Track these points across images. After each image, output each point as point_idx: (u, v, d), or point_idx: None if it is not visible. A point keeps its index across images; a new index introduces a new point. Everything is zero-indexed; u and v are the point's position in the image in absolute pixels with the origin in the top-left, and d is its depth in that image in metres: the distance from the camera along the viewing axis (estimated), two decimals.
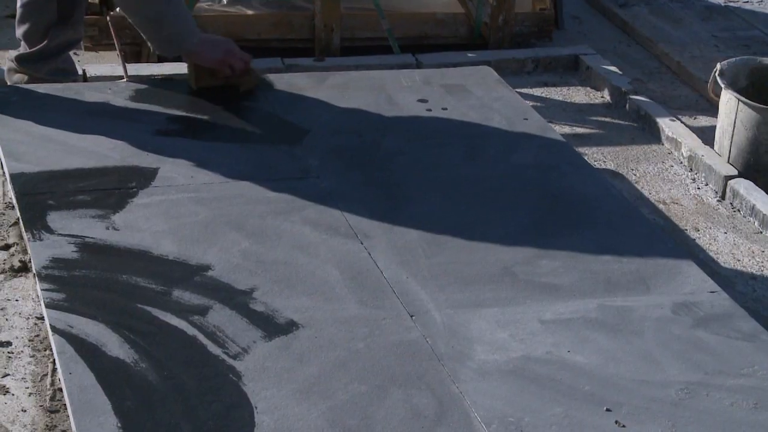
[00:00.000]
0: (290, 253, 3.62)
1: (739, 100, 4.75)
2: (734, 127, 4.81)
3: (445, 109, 4.69)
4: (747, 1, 6.87)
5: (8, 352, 3.24)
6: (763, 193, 4.62)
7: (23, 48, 4.67)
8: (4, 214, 3.93)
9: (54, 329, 3.16)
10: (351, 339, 3.24)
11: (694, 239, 4.37)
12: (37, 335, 3.32)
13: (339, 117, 4.56)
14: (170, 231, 3.68)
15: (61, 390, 3.07)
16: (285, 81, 4.85)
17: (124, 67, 4.99)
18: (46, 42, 4.51)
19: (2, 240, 3.77)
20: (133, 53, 5.53)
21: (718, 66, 4.95)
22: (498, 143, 4.45)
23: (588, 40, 6.31)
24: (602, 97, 5.60)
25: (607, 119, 5.37)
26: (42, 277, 3.38)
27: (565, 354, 3.25)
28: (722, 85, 4.85)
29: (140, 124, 4.33)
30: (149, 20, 4.21)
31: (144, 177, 3.98)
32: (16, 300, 3.47)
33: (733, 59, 5.05)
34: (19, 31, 4.69)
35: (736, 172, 4.78)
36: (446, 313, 3.39)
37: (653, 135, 5.20)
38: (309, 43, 5.79)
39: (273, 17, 5.72)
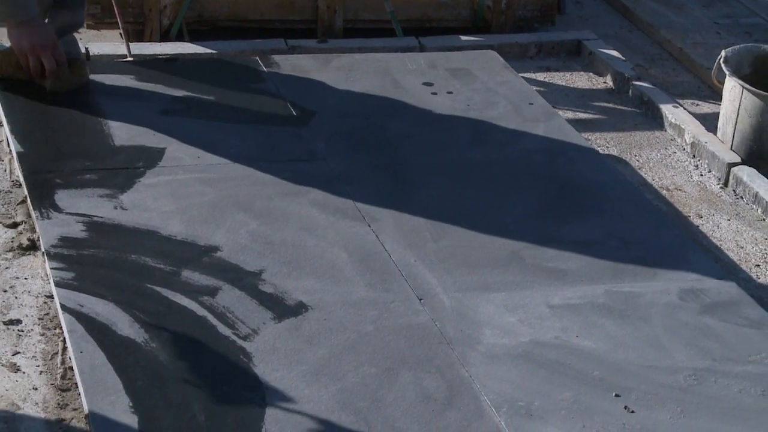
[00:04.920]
0: (298, 234, 3.63)
1: (743, 87, 4.75)
2: (738, 114, 4.81)
3: (451, 92, 4.70)
4: None
5: (18, 330, 3.24)
6: (766, 180, 4.62)
7: None
8: (11, 192, 3.92)
9: (64, 308, 3.17)
10: (360, 321, 3.25)
11: (698, 226, 4.37)
12: (47, 314, 3.32)
13: (345, 99, 4.56)
14: (178, 211, 3.68)
15: (71, 368, 3.07)
16: (290, 62, 4.85)
17: (128, 46, 4.97)
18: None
19: (10, 218, 3.76)
20: (135, 32, 5.50)
21: (723, 53, 4.94)
22: (504, 127, 4.46)
23: (589, 25, 6.29)
24: (605, 82, 5.59)
25: (610, 105, 5.36)
26: (51, 256, 3.38)
27: (573, 339, 3.26)
28: (727, 73, 4.85)
29: (146, 104, 4.33)
30: None
31: (151, 157, 3.98)
32: (25, 278, 3.47)
33: (737, 46, 5.05)
34: None
35: (739, 159, 4.77)
36: (454, 296, 3.40)
37: (656, 121, 5.20)
38: (312, 24, 5.77)
39: None
